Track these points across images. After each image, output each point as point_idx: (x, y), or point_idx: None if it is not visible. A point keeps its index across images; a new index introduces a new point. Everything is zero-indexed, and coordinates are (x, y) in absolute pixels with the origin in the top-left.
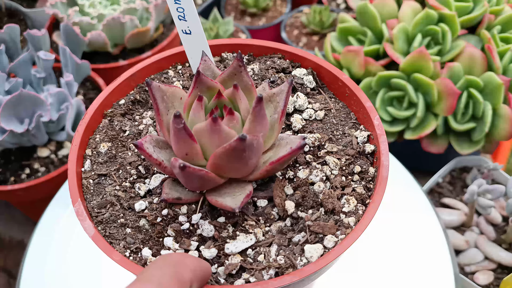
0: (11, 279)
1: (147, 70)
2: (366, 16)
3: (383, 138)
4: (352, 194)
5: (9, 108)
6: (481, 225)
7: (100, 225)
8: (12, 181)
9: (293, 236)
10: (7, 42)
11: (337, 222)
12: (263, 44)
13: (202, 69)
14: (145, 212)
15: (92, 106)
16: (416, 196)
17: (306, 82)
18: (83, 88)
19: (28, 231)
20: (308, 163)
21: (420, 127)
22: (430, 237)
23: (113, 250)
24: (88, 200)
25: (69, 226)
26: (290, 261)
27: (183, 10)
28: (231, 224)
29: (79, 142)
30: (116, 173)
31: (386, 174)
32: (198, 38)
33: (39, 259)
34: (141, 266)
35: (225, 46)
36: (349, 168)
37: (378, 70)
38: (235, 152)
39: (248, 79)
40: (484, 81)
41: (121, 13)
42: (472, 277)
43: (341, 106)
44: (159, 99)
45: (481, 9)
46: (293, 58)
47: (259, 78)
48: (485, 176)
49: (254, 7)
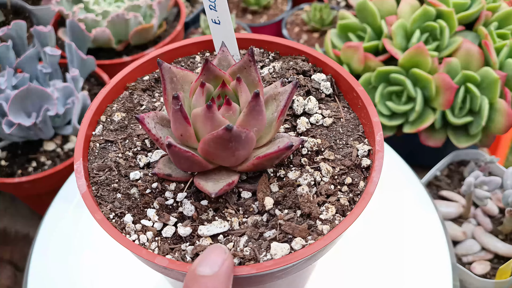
0: (17, 272)
1: (175, 52)
2: (366, 13)
3: (380, 155)
4: (334, 203)
5: (17, 102)
6: (478, 216)
7: (94, 185)
8: (19, 174)
9: (265, 231)
10: (14, 38)
11: (310, 227)
12: (289, 44)
13: (219, 58)
14: (138, 182)
15: (116, 77)
16: (415, 188)
17: (322, 88)
18: (88, 83)
19: (34, 225)
20: (302, 166)
21: (419, 121)
22: (429, 229)
23: (98, 210)
24: (90, 161)
25: (75, 219)
26: (254, 254)
27: (214, 0)
28: (212, 208)
29: (96, 108)
30: (122, 142)
31: (373, 190)
32: (226, 29)
33: (46, 253)
34: (119, 229)
35: (253, 40)
36: (341, 178)
37: (377, 66)
38: (221, 141)
39: (255, 75)
40: (481, 76)
41: (125, 10)
42: (469, 267)
43: (352, 117)
44: (167, 80)
45: (478, 5)
46: (316, 62)
47: (278, 76)
48: (482, 169)
49: (256, 5)
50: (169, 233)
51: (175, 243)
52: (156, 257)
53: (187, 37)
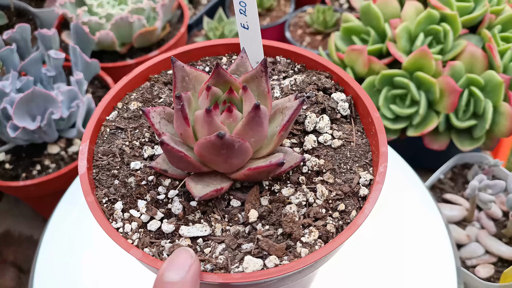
0: (21, 274)
1: (203, 51)
2: (370, 15)
3: (378, 187)
4: (319, 228)
5: (22, 106)
6: (482, 220)
7: (96, 168)
8: (24, 177)
9: (243, 243)
10: (19, 41)
11: (289, 247)
12: (315, 58)
13: (237, 64)
14: (137, 172)
15: (141, 66)
16: (418, 192)
17: (340, 108)
18: (91, 86)
19: (37, 227)
20: (298, 184)
21: (422, 124)
22: (433, 232)
23: (91, 193)
24: (98, 144)
25: (80, 222)
26: (226, 264)
27: (245, 5)
28: (200, 211)
29: (114, 94)
30: (132, 131)
31: (361, 222)
32: (254, 34)
33: (51, 255)
34: (107, 215)
35: (281, 50)
36: (335, 203)
37: (381, 69)
38: (213, 146)
39: (265, 86)
40: (485, 79)
41: (129, 13)
42: (473, 270)
43: (364, 143)
44: (178, 78)
45: (482, 9)
46: (339, 81)
47: (297, 89)
48: (485, 172)
49: (258, 7)
50: (153, 227)
51: (156, 238)
52: (131, 248)
53: (190, 40)
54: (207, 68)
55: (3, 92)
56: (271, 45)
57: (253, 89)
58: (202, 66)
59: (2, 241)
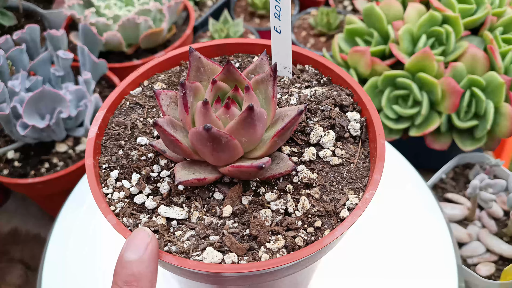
0: (28, 271)
1: (236, 47)
2: (373, 17)
3: (357, 213)
4: (287, 238)
5: (32, 104)
6: (483, 219)
7: (106, 136)
8: (32, 174)
9: (210, 234)
10: (28, 42)
11: (251, 249)
12: (339, 73)
13: (255, 65)
14: (141, 147)
15: (174, 51)
16: (421, 191)
17: (350, 128)
18: (99, 86)
19: (44, 225)
20: (284, 192)
21: (425, 124)
22: (435, 231)
23: (92, 157)
24: (115, 115)
25: (88, 220)
26: (188, 250)
27: (280, 9)
28: (185, 195)
29: (143, 72)
30: (150, 109)
31: (327, 242)
32: (285, 39)
33: (59, 253)
34: (101, 180)
35: (310, 59)
36: (313, 219)
37: (384, 70)
38: (200, 137)
39: (271, 91)
40: (486, 80)
41: (135, 14)
42: (475, 269)
43: (364, 167)
44: (193, 68)
45: (483, 11)
46: (358, 101)
47: (314, 101)
48: (487, 172)
49: (263, 9)
50: (139, 201)
51: (138, 211)
52: (108, 214)
53: (195, 41)
54: (237, 64)
55: (13, 91)
56: (302, 52)
57: (261, 92)
58: (233, 61)
59: (10, 239)
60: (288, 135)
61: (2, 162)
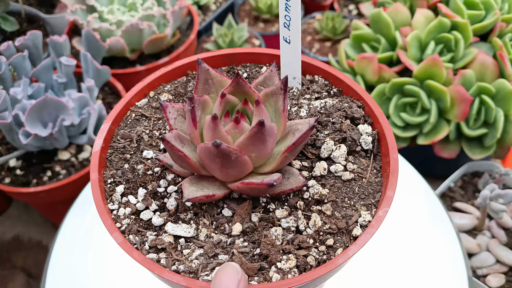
0: (30, 279)
1: (244, 57)
2: (380, 23)
3: (370, 231)
4: (299, 257)
5: (34, 113)
6: (492, 229)
7: (111, 149)
8: (35, 183)
9: (220, 253)
10: (30, 48)
11: (262, 269)
12: (351, 84)
13: (265, 76)
14: (148, 161)
15: (180, 61)
16: (429, 200)
17: (362, 141)
18: (102, 92)
19: (47, 232)
20: (295, 208)
21: (433, 132)
22: (444, 241)
23: (97, 171)
24: (120, 127)
25: (91, 229)
26: (197, 270)
27: (289, 19)
28: (193, 212)
29: (149, 82)
30: (156, 121)
31: (340, 262)
32: (295, 50)
33: (63, 262)
34: (107, 195)
35: (319, 69)
36: (325, 237)
37: (391, 77)
38: (209, 153)
39: (281, 104)
40: (496, 87)
41: (139, 20)
42: (484, 280)
43: (376, 182)
44: (201, 80)
45: (493, 17)
46: (370, 113)
47: (325, 113)
48: (496, 181)
49: (267, 13)
50: (145, 217)
51: (144, 228)
52: (114, 232)
53: (199, 46)
54: (245, 74)
55: (15, 98)
56: (312, 63)
57: (271, 105)
58: (241, 71)
59: (12, 246)
60: (299, 150)
61: (3, 170)
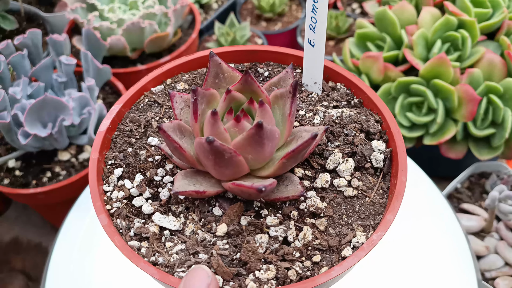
0: (29, 281)
1: (268, 55)
2: (385, 22)
3: (360, 254)
4: (280, 269)
5: (33, 113)
6: (501, 231)
7: (118, 131)
8: (34, 184)
9: (200, 252)
10: (30, 47)
11: (239, 274)
12: (372, 97)
13: (279, 77)
14: (151, 148)
15: (202, 52)
16: (436, 201)
17: (372, 158)
18: (102, 92)
19: (46, 234)
20: (287, 217)
21: (440, 132)
22: (452, 242)
23: (98, 151)
24: (131, 110)
25: (91, 232)
26: (174, 265)
27: (315, 21)
28: (184, 205)
29: (167, 70)
30: (167, 108)
31: (321, 281)
32: (318, 54)
33: (62, 264)
34: (104, 176)
35: (342, 77)
36: (312, 252)
37: (397, 76)
38: (203, 149)
39: (289, 108)
40: (504, 87)
41: (140, 18)
42: (493, 283)
43: (380, 203)
44: (211, 73)
45: (500, 15)
46: (386, 129)
47: (339, 124)
48: (504, 182)
49: (270, 12)
50: (137, 203)
51: (134, 214)
52: (101, 214)
53: (201, 45)
54: (266, 73)
55: (14, 98)
56: (335, 69)
57: (279, 108)
58: (263, 69)
59: (11, 248)
60: (299, 158)
61: (2, 171)
